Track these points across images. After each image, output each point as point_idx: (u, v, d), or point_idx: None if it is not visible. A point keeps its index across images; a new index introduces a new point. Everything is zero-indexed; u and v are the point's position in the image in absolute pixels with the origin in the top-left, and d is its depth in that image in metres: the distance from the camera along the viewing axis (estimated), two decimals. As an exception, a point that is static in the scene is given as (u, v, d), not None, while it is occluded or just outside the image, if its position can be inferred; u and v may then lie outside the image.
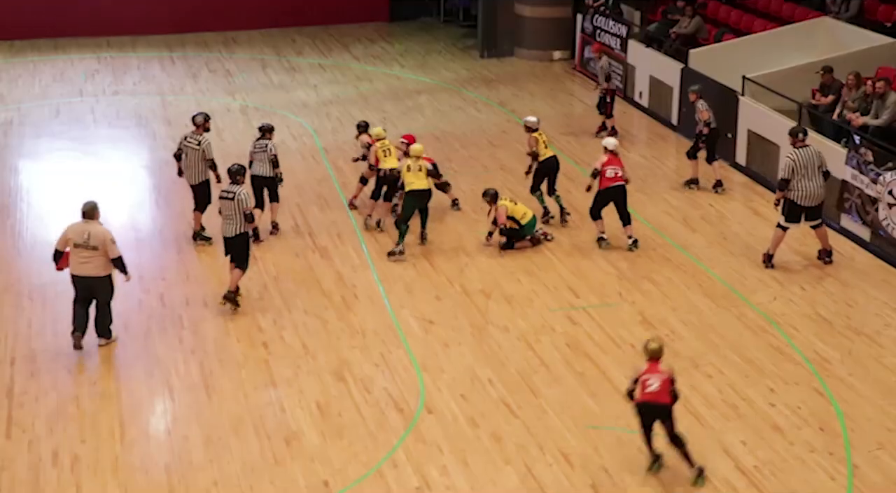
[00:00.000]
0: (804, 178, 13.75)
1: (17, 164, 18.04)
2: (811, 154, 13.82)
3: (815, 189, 13.79)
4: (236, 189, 12.92)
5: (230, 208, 12.91)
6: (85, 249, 11.88)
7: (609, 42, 21.80)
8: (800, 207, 13.91)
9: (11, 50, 24.78)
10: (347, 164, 17.81)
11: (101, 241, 11.89)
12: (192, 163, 14.55)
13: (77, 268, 11.94)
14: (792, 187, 13.78)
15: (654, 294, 13.52)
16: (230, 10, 26.48)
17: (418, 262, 14.37)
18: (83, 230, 11.95)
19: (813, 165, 13.76)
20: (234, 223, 12.91)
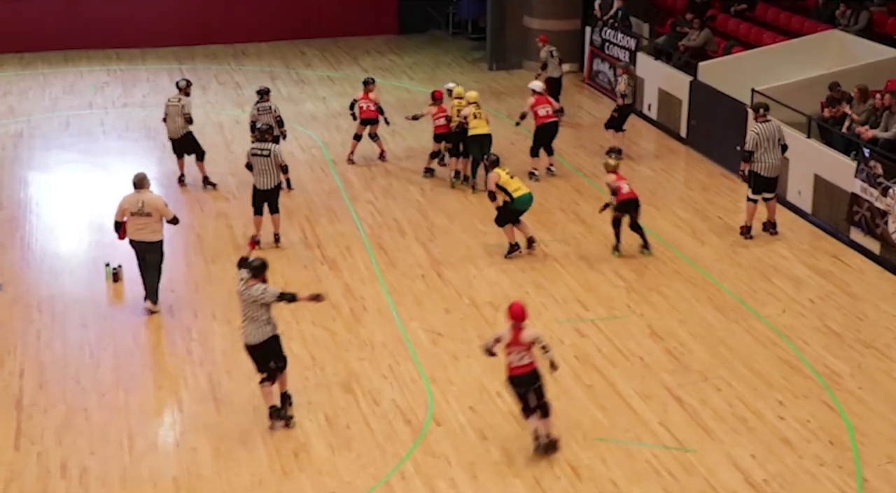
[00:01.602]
0: (766, 151, 15.03)
1: (26, 176, 18.12)
2: (772, 128, 15.11)
3: (775, 161, 15.13)
4: (269, 146, 14.65)
5: (266, 164, 14.63)
6: (140, 216, 13.03)
7: (618, 54, 21.84)
8: (764, 179, 15.14)
9: (22, 62, 24.91)
10: (356, 176, 17.87)
11: (155, 207, 13.04)
12: (174, 119, 16.85)
13: (134, 234, 13.10)
14: (756, 160, 15.07)
15: (663, 307, 13.52)
16: (239, 23, 26.59)
17: (427, 274, 14.39)
18: (137, 200, 13.06)
19: (774, 139, 15.05)
20: (270, 176, 14.70)
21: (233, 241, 15.41)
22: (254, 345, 10.84)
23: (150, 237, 13.07)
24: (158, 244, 13.15)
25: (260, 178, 14.78)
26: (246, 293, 10.72)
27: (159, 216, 13.04)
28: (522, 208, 14.67)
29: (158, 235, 13.12)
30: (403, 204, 16.78)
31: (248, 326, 10.79)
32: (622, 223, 14.84)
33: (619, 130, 18.70)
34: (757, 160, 15.08)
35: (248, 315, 10.78)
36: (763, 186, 15.24)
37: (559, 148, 19.01)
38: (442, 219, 16.20)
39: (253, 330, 10.77)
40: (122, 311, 13.51)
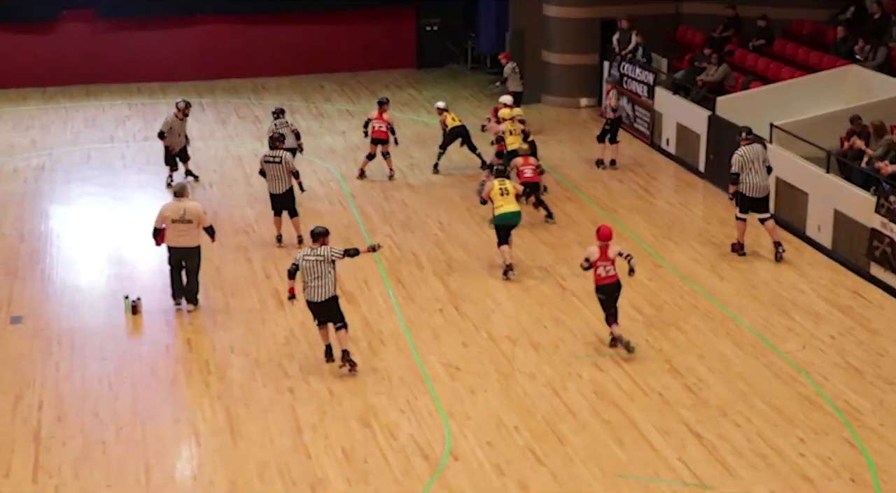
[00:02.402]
0: (751, 172, 15.70)
1: (47, 209, 18.26)
2: (756, 151, 15.81)
3: (761, 182, 15.76)
4: (280, 153, 15.87)
5: (277, 170, 15.84)
6: (182, 223, 13.81)
7: (636, 89, 21.90)
8: (750, 199, 15.81)
9: (44, 96, 25.17)
10: (374, 209, 17.94)
11: (196, 214, 13.86)
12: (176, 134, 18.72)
13: (174, 240, 13.87)
14: (741, 181, 15.75)
15: (682, 342, 13.47)
16: (259, 57, 26.79)
17: (445, 308, 14.39)
18: (179, 207, 13.85)
19: (758, 160, 15.74)
20: (282, 181, 15.90)
21: (252, 275, 15.46)
22: (317, 302, 12.56)
23: (191, 243, 13.94)
24: (197, 249, 14.06)
25: (273, 183, 16.03)
26: (313, 254, 12.52)
27: (198, 223, 13.87)
28: (498, 224, 15.21)
29: (197, 241, 13.99)
30: (422, 238, 16.81)
31: (313, 285, 12.48)
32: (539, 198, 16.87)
33: (613, 141, 20.01)
34: (742, 181, 15.78)
35: (314, 276, 12.48)
36: (750, 205, 15.88)
37: (576, 180, 19.06)
38: (460, 253, 16.21)
39: (318, 288, 12.47)
40: (141, 343, 13.55)
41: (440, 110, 19.89)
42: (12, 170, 20.08)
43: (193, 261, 14.09)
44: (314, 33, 27.06)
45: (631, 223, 17.40)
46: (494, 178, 15.63)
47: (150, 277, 15.45)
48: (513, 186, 15.42)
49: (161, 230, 13.97)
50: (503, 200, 15.20)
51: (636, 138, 21.93)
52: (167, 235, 13.95)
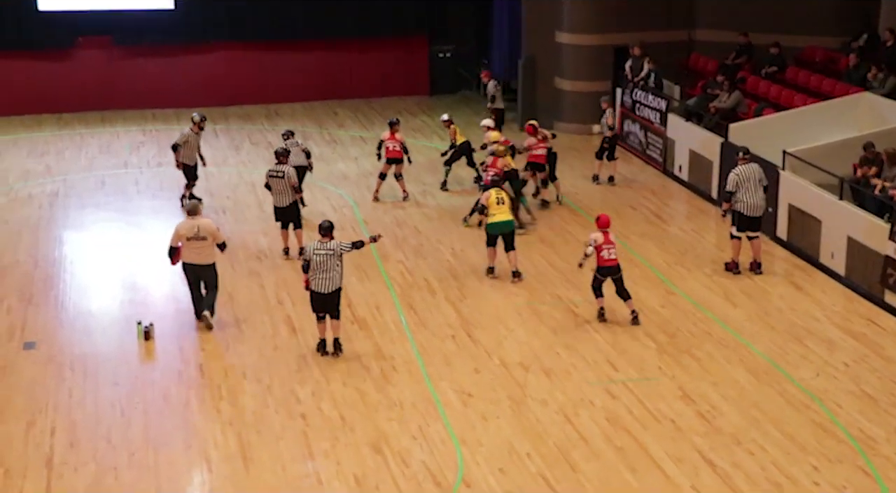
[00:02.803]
0: (747, 191, 16.03)
1: (61, 235, 18.35)
2: (752, 170, 16.14)
3: (757, 201, 16.10)
4: (283, 168, 16.47)
5: (281, 184, 16.43)
6: (196, 240, 14.10)
7: (649, 116, 21.94)
8: (746, 218, 16.10)
9: (60, 123, 25.35)
10: (387, 235, 17.95)
11: (210, 231, 14.16)
12: (190, 150, 18.90)
13: (190, 257, 14.15)
14: (737, 199, 16.07)
15: (695, 369, 13.43)
16: (273, 84, 26.95)
17: (457, 334, 14.39)
18: (193, 225, 14.14)
19: (754, 180, 16.05)
20: (286, 195, 16.51)
21: (264, 300, 15.49)
22: (324, 294, 13.37)
23: (207, 260, 14.24)
24: (213, 266, 14.38)
25: (277, 196, 16.67)
26: (323, 249, 13.29)
27: (213, 240, 14.16)
28: (490, 232, 16.07)
29: (213, 258, 14.31)
30: (434, 264, 16.84)
31: (321, 277, 13.29)
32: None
33: (611, 158, 20.69)
34: (738, 200, 16.09)
35: (323, 268, 13.28)
36: (746, 224, 16.16)
37: (589, 206, 19.10)
38: (472, 279, 16.22)
39: (325, 281, 13.31)
40: (154, 369, 13.58)
41: (448, 123, 20.42)
42: (27, 196, 20.21)
43: (211, 277, 14.43)
44: (327, 60, 27.23)
45: (643, 250, 17.40)
46: (491, 187, 16.35)
47: (163, 302, 15.50)
48: (508, 196, 16.24)
49: (177, 249, 14.22)
50: (498, 209, 15.98)
51: (648, 165, 21.95)
52: (183, 253, 14.23)
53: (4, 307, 15.21)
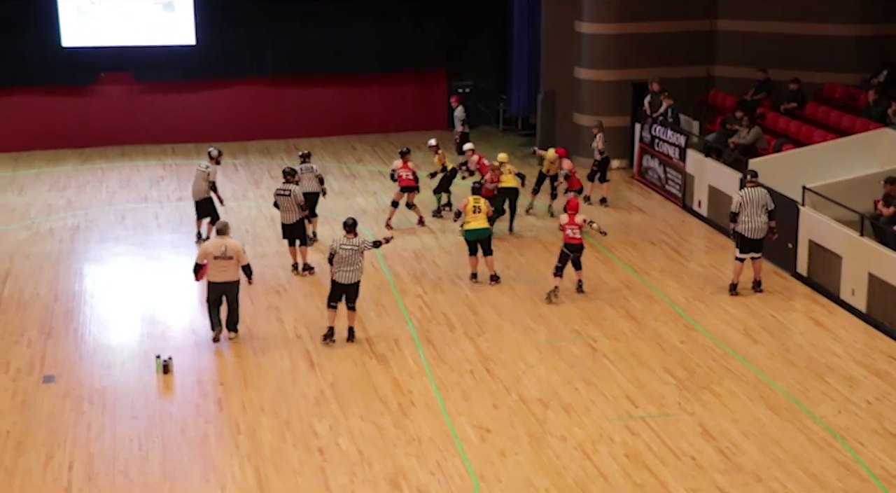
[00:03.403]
0: (750, 214, 16.52)
1: (81, 268, 18.46)
2: (758, 194, 16.63)
3: (758, 225, 16.55)
4: (290, 187, 17.33)
5: (288, 202, 17.28)
6: (223, 259, 14.77)
7: (668, 151, 21.97)
8: (749, 240, 16.60)
9: (81, 157, 25.56)
10: (405, 270, 18.00)
11: (236, 251, 14.84)
12: (197, 182, 18.80)
13: (215, 275, 14.82)
14: (740, 221, 16.56)
15: (715, 405, 13.36)
16: (292, 119, 27.12)
17: (475, 369, 14.37)
18: (220, 244, 14.82)
19: (758, 204, 16.53)
20: (293, 212, 17.30)
21: (283, 335, 15.51)
22: (344, 284, 14.77)
23: (231, 278, 14.91)
24: (237, 283, 15.02)
25: (285, 214, 17.49)
26: (348, 244, 14.68)
27: (237, 260, 14.83)
28: (467, 239, 17.19)
29: (237, 276, 14.95)
30: (452, 299, 16.84)
31: (345, 270, 14.69)
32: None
33: (602, 180, 21.55)
34: (741, 222, 16.59)
35: (347, 262, 14.67)
36: (749, 246, 16.64)
37: (608, 242, 19.11)
38: (491, 314, 16.22)
39: (349, 273, 14.73)
40: (172, 403, 13.60)
41: (435, 148, 20.83)
42: (48, 229, 20.35)
43: (233, 293, 15.02)
44: (347, 95, 27.41)
45: (663, 285, 17.37)
46: (471, 194, 17.43)
47: (181, 336, 15.55)
48: (486, 205, 17.29)
49: (202, 266, 14.87)
50: (473, 217, 17.11)
51: (668, 200, 21.95)
52: (209, 271, 14.85)
53: (25, 341, 15.29)
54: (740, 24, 23.87)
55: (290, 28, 26.55)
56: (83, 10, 25.15)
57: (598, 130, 21.86)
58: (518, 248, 19.10)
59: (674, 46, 24.01)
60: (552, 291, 16.48)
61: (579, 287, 16.76)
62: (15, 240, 19.71)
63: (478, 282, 17.30)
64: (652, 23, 23.81)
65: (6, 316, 16.18)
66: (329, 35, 26.78)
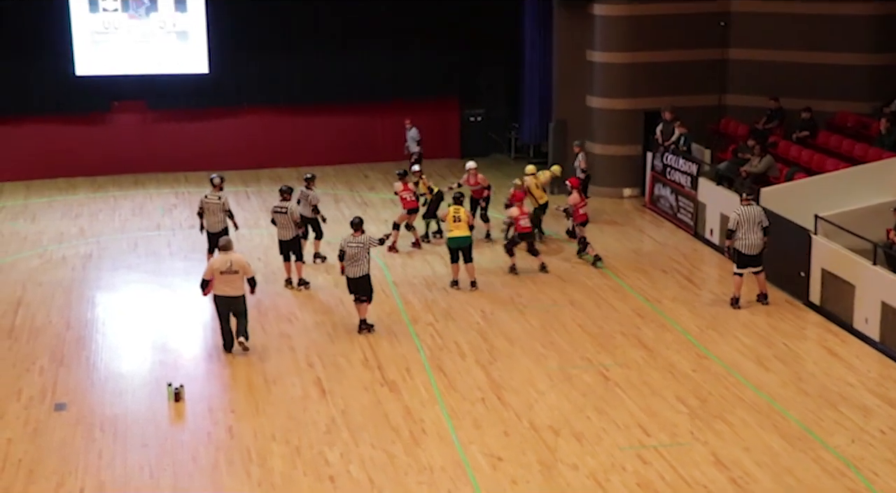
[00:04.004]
0: (747, 231, 17.23)
1: (93, 296, 18.57)
2: (753, 212, 17.32)
3: (754, 241, 17.27)
4: (287, 205, 17.98)
5: (284, 219, 17.97)
6: (229, 273, 15.34)
7: (680, 180, 22.04)
8: (745, 256, 17.32)
9: (94, 185, 25.74)
10: (417, 297, 18.07)
11: (241, 265, 15.45)
12: (210, 213, 18.69)
13: (221, 290, 15.39)
14: (738, 238, 17.27)
15: (728, 434, 13.36)
16: (304, 147, 27.30)
17: (487, 397, 14.39)
18: (226, 260, 15.39)
19: (753, 221, 17.24)
20: (288, 229, 18.00)
21: (294, 363, 15.57)
22: (355, 278, 16.23)
23: (237, 292, 15.44)
24: (243, 297, 15.55)
25: (281, 231, 18.15)
26: (355, 242, 16.15)
27: (243, 273, 15.40)
28: (449, 246, 18.37)
29: (242, 290, 15.50)
30: (464, 326, 16.89)
31: (352, 265, 16.15)
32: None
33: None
34: (738, 239, 17.30)
35: (355, 259, 16.13)
36: (746, 261, 17.36)
37: (619, 270, 19.15)
38: (502, 342, 16.26)
39: (356, 268, 16.16)
40: (183, 431, 13.65)
41: (419, 174, 21.05)
42: (61, 257, 20.49)
43: (240, 307, 15.56)
44: (359, 123, 27.57)
45: (675, 314, 17.39)
46: (453, 204, 18.62)
47: (193, 364, 15.63)
48: (466, 214, 18.43)
49: (209, 282, 15.44)
50: (455, 225, 18.26)
51: (679, 229, 22.00)
52: (215, 285, 15.39)
53: (37, 368, 15.38)
54: (752, 53, 24.01)
55: (302, 56, 26.76)
56: (97, 39, 25.37)
57: (579, 149, 22.56)
58: (529, 275, 19.16)
59: (686, 75, 24.12)
60: (511, 267, 18.95)
61: (542, 268, 18.94)
62: (27, 268, 19.85)
63: (459, 289, 18.28)
64: (664, 52, 23.95)
65: (18, 344, 16.27)
66: (341, 63, 26.97)
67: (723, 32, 23.98)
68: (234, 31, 26.14)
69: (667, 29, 23.88)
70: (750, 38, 23.98)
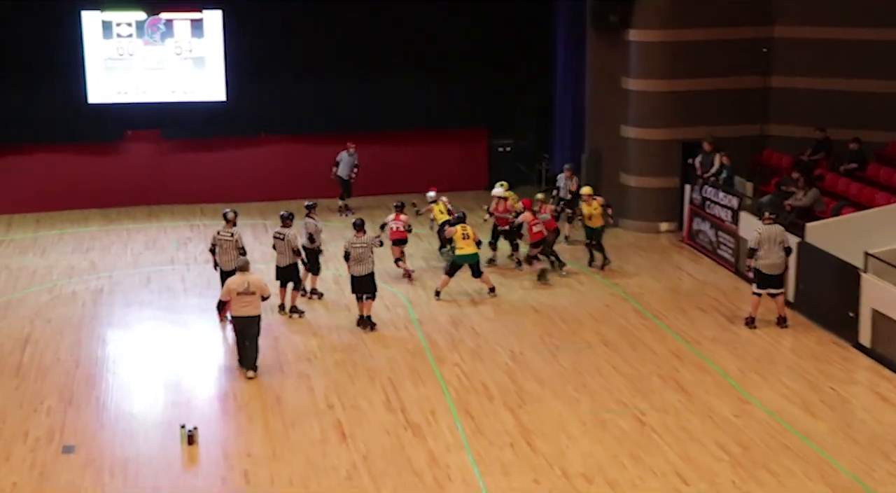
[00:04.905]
0: (768, 251, 17.93)
1: (104, 333, 18.68)
2: (775, 231, 18.04)
3: (776, 260, 18.00)
4: (286, 231, 18.67)
5: (282, 246, 18.67)
6: (246, 294, 16.12)
7: (720, 214, 22.00)
8: (766, 276, 18.05)
9: (105, 218, 25.94)
10: (442, 336, 18.07)
11: (258, 286, 16.23)
12: (224, 251, 18.62)
13: (238, 310, 16.17)
14: (759, 257, 17.98)
15: (772, 485, 13.25)
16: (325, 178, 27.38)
17: (516, 442, 14.35)
18: (243, 281, 16.19)
19: (775, 240, 17.98)
20: (286, 256, 18.68)
21: (313, 404, 15.58)
22: (359, 277, 18.01)
23: (254, 312, 16.21)
24: (259, 318, 16.30)
25: (279, 257, 18.82)
26: (359, 243, 18.00)
27: (260, 294, 16.18)
28: (457, 262, 19.78)
29: (259, 310, 16.28)
30: (492, 367, 16.87)
31: (357, 265, 17.99)
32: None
33: (571, 220, 23.37)
34: (759, 258, 18.02)
35: (359, 259, 17.97)
36: (766, 282, 18.07)
37: (656, 309, 19.11)
38: (533, 384, 16.22)
39: (360, 268, 17.99)
40: (196, 475, 13.67)
41: (432, 200, 22.10)
42: (71, 293, 20.64)
43: (253, 329, 16.25)
44: (382, 153, 27.61)
45: (715, 356, 17.31)
46: (456, 224, 20.02)
47: (207, 405, 15.68)
48: (473, 232, 19.84)
49: (226, 304, 16.54)
50: (464, 243, 19.73)
51: (719, 265, 21.92)
52: (232, 307, 16.19)
53: (44, 409, 15.46)
54: (796, 81, 23.97)
55: (323, 84, 26.93)
56: (111, 65, 25.62)
57: (570, 173, 23.49)
58: (560, 314, 19.14)
59: (726, 104, 24.13)
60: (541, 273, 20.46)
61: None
62: (36, 303, 20.00)
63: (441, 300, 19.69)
64: (703, 79, 23.97)
65: (25, 383, 16.38)
66: (363, 91, 27.12)
67: (765, 59, 24.03)
68: (253, 57, 26.36)
69: (706, 55, 23.92)
70: (793, 65, 23.97)
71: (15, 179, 26.33)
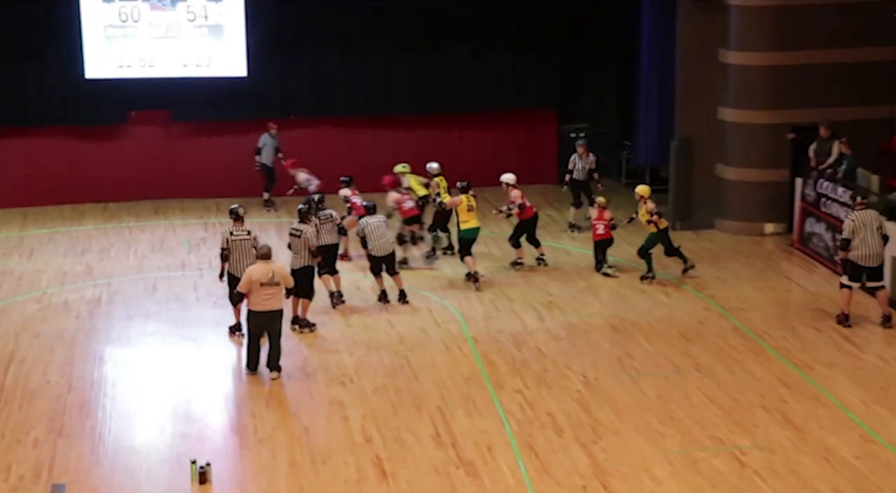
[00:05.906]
0: (864, 239, 18.58)
1: (102, 351, 18.85)
2: (870, 217, 18.74)
3: (875, 249, 18.67)
4: (303, 228, 18.95)
5: (298, 244, 18.91)
6: (270, 286, 16.67)
7: (839, 213, 21.78)
8: (861, 267, 18.75)
9: (105, 214, 26.19)
10: (502, 358, 18.06)
11: (283, 276, 16.90)
12: (243, 255, 18.46)
13: (260, 304, 16.68)
14: (853, 247, 18.63)
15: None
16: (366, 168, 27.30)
17: (589, 485, 14.31)
18: (267, 270, 16.70)
19: (871, 226, 18.63)
20: (300, 257, 18.88)
21: (348, 437, 15.62)
22: (381, 256, 20.06)
23: (277, 306, 16.80)
24: (281, 312, 16.93)
25: (293, 258, 19.02)
26: (375, 220, 20.04)
27: (284, 284, 16.76)
28: (464, 238, 20.98)
29: (282, 304, 16.85)
30: (560, 395, 16.84)
31: (379, 243, 19.97)
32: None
33: (578, 206, 24.97)
34: (854, 248, 18.66)
35: (378, 235, 19.94)
36: (858, 274, 18.78)
37: (760, 327, 18.98)
38: (609, 415, 16.17)
39: (383, 245, 20.00)
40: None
41: (435, 173, 22.94)
42: (62, 303, 20.86)
43: (277, 325, 16.86)
44: (431, 140, 27.52)
45: (832, 384, 17.16)
46: (462, 193, 21.13)
47: (222, 437, 15.76)
48: (477, 203, 21.27)
49: (244, 295, 16.95)
50: (469, 215, 20.93)
51: (837, 275, 21.68)
52: (253, 300, 16.71)
53: (30, 440, 15.60)
54: (935, 53, 23.75)
55: (364, 59, 26.99)
56: (112, 34, 25.71)
57: (584, 149, 24.73)
58: (643, 332, 19.07)
59: (847, 81, 23.93)
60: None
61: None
62: (21, 315, 20.24)
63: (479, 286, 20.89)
64: (819, 51, 23.80)
65: (8, 409, 16.55)
66: (412, 67, 27.19)
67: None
68: (280, 26, 26.49)
69: (822, 22, 23.73)
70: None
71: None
